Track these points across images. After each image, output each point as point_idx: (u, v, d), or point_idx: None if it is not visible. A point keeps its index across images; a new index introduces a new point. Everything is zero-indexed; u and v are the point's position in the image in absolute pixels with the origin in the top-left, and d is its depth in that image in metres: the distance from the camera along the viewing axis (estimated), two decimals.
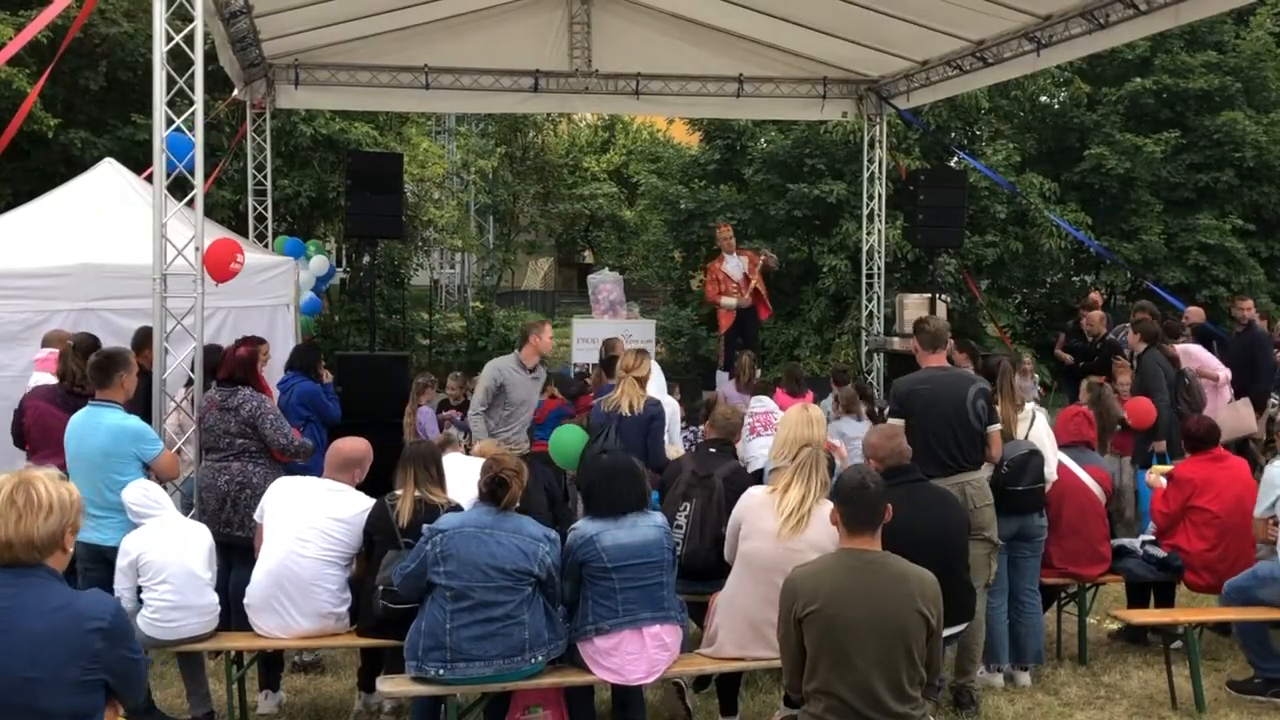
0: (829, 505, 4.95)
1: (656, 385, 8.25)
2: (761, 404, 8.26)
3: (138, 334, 7.27)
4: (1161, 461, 8.06)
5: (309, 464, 6.97)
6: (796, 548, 4.85)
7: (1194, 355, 9.77)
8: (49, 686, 2.84)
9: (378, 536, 5.28)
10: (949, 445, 5.82)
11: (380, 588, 5.09)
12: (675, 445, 8.02)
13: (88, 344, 6.75)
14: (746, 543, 5.07)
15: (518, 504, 4.95)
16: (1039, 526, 6.30)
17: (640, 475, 5.22)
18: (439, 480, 5.39)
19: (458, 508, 5.26)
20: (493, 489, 4.84)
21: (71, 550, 3.02)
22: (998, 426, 6.04)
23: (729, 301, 12.81)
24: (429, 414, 9.26)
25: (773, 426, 7.78)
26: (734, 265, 12.86)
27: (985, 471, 5.99)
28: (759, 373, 10.49)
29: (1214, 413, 8.60)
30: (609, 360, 8.96)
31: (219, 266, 6.80)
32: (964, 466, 5.83)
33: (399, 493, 5.34)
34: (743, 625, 5.06)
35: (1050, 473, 6.44)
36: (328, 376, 8.59)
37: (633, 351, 7.55)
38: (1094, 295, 13.48)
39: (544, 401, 9.49)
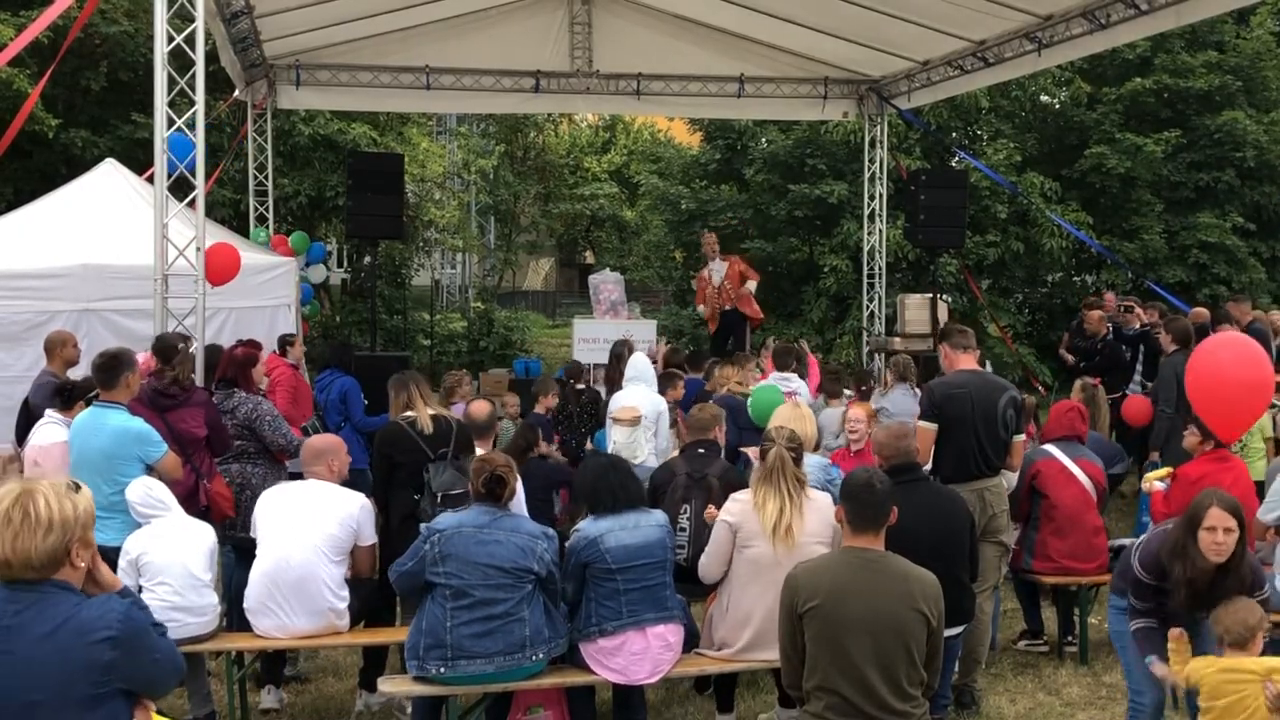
0: (816, 494, 5.02)
1: (645, 382, 8.18)
2: (787, 383, 8.21)
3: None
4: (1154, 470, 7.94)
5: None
6: (800, 541, 4.89)
7: None
8: (52, 710, 2.63)
9: (400, 457, 5.47)
10: (976, 452, 5.80)
11: (439, 495, 5.26)
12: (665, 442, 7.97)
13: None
14: (750, 549, 5.04)
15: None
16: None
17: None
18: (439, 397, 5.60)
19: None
20: (490, 487, 4.84)
21: (84, 564, 2.78)
22: (1022, 436, 6.05)
23: (701, 309, 13.26)
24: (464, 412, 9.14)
25: None
26: (716, 271, 12.89)
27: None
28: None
29: None
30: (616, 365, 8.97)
31: (219, 273, 6.81)
32: (985, 473, 5.85)
33: (411, 413, 5.60)
34: (751, 630, 5.03)
35: None
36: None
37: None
38: (1108, 296, 12.96)
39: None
